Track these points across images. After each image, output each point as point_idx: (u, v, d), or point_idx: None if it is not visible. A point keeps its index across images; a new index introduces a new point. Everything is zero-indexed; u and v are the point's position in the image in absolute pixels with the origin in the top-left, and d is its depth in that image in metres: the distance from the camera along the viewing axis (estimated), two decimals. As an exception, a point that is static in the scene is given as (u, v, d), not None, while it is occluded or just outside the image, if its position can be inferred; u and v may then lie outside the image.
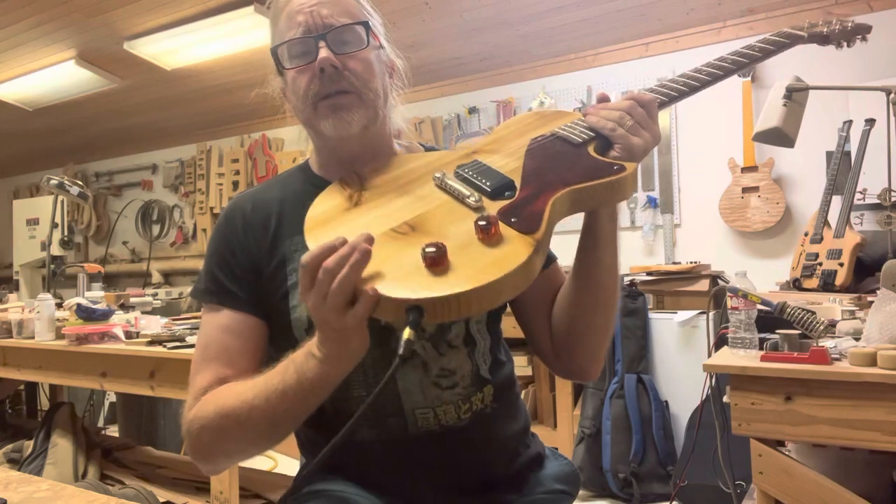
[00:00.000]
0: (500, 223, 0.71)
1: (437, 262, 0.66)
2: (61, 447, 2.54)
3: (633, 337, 2.91)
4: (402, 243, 0.71)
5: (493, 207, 0.75)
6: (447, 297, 0.64)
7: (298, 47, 0.89)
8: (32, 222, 5.15)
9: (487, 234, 0.70)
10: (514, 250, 0.68)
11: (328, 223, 0.78)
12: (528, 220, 0.72)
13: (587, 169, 0.79)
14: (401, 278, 0.66)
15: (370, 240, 0.67)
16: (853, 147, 2.54)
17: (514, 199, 0.76)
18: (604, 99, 0.88)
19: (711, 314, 2.27)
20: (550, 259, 1.00)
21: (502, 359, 1.00)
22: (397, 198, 0.81)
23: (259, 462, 3.11)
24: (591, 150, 0.82)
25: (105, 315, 2.31)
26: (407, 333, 0.63)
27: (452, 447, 0.89)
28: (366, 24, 0.90)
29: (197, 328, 2.05)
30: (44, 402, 3.91)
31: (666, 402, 2.90)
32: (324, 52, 0.86)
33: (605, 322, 0.92)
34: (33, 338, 2.36)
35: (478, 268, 0.66)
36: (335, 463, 0.89)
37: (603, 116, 0.84)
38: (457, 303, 0.64)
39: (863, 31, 1.24)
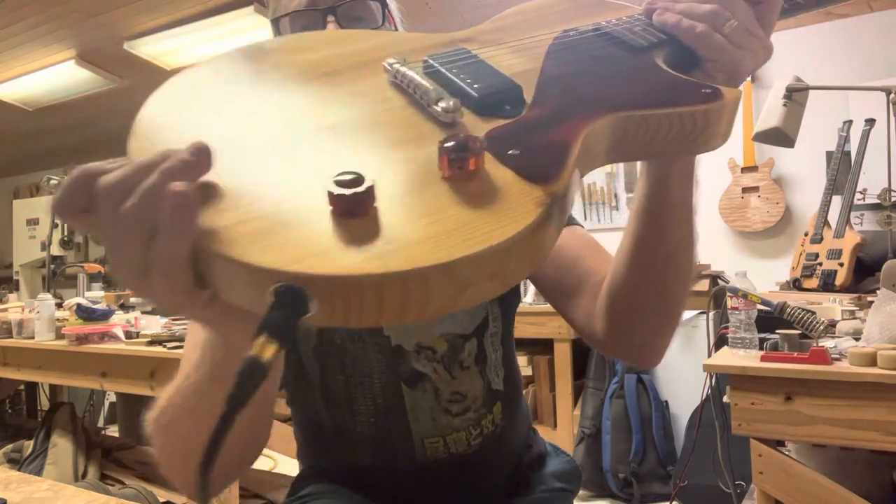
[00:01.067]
0: (485, 154, 0.40)
1: (353, 209, 0.37)
2: (61, 447, 2.54)
3: (633, 337, 2.91)
4: (298, 169, 0.41)
5: (478, 127, 0.44)
6: (360, 278, 0.34)
7: (302, 20, 0.78)
8: (32, 222, 5.16)
9: (461, 170, 0.39)
10: (510, 207, 0.38)
11: (203, 88, 0.48)
12: (541, 158, 0.42)
13: (654, 87, 0.50)
14: (273, 231, 0.36)
15: (203, 150, 0.38)
16: (853, 147, 2.54)
17: (519, 117, 0.46)
18: None
19: (711, 314, 2.27)
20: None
21: (513, 364, 0.91)
22: (319, 89, 0.49)
23: (259, 462, 3.11)
24: (660, 61, 0.53)
25: (105, 315, 2.32)
26: (259, 346, 0.33)
27: (460, 473, 0.84)
28: (383, 2, 0.81)
29: (197, 328, 2.05)
30: (44, 402, 3.90)
31: (666, 402, 2.90)
32: (331, 27, 0.76)
33: (675, 304, 0.69)
34: (33, 338, 2.36)
35: (433, 232, 0.36)
36: (337, 483, 0.86)
37: (684, 12, 0.54)
38: (377, 294, 0.34)
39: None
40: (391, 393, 0.82)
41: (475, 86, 0.47)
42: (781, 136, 1.79)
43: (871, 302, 1.47)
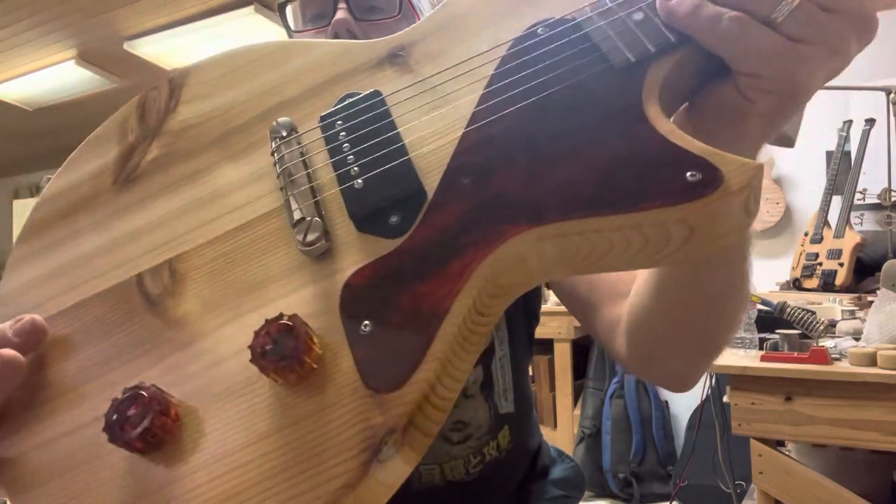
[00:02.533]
0: (337, 330, 0.32)
1: (146, 443, 0.31)
2: (61, 447, 2.54)
3: (633, 337, 2.91)
4: (146, 326, 0.36)
5: (351, 248, 0.35)
6: None
7: (312, 6, 0.73)
8: (32, 222, 5.16)
9: (285, 380, 0.31)
10: (324, 453, 0.29)
11: (42, 232, 0.44)
12: (392, 348, 0.31)
13: (610, 169, 0.31)
14: (48, 478, 0.32)
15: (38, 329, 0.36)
16: (853, 147, 2.54)
17: (397, 247, 0.34)
18: None
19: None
20: None
21: (524, 383, 0.84)
22: (190, 182, 0.42)
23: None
24: (653, 89, 0.34)
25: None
26: None
27: (458, 499, 0.79)
28: None
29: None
30: (44, 402, 3.90)
31: (666, 402, 2.90)
32: (341, 14, 0.69)
33: (718, 342, 0.56)
34: (33, 338, 2.35)
35: (219, 492, 0.29)
36: None
37: None
38: None
39: None
40: None
41: (359, 182, 0.36)
42: (781, 136, 1.78)
43: (871, 302, 1.47)
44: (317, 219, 0.36)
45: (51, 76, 3.99)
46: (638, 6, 0.36)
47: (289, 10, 0.74)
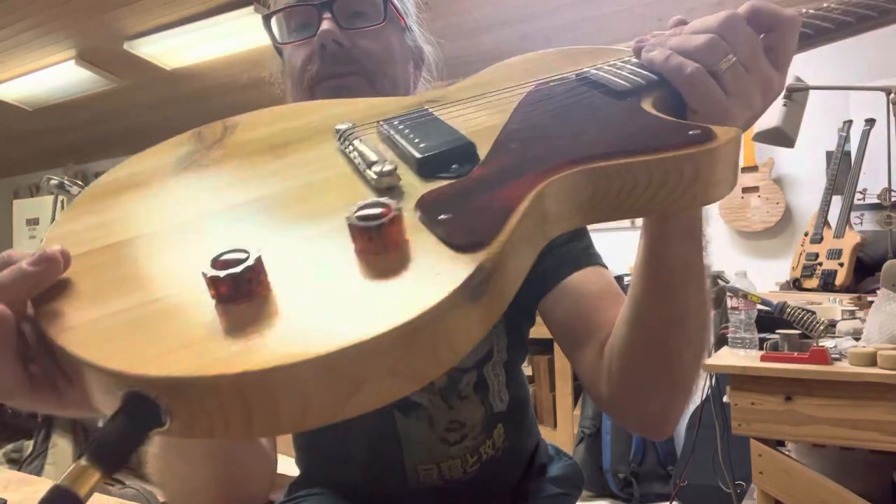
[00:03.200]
0: (416, 221, 0.36)
1: (232, 293, 0.32)
2: (61, 447, 2.54)
3: (633, 337, 2.91)
4: (189, 254, 0.37)
5: (417, 190, 0.39)
6: (213, 380, 0.28)
7: (297, 17, 0.72)
8: (32, 222, 5.16)
9: (371, 241, 0.34)
10: (421, 283, 0.32)
11: (113, 195, 0.44)
12: (473, 222, 0.35)
13: (630, 132, 0.43)
14: (140, 327, 0.32)
15: (46, 258, 0.35)
16: (853, 147, 2.54)
17: (463, 178, 0.40)
18: (680, 24, 0.50)
19: (711, 314, 2.27)
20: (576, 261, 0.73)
21: (518, 383, 0.85)
22: (262, 162, 0.46)
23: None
24: (646, 104, 0.46)
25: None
26: (76, 473, 0.27)
27: (456, 498, 0.80)
28: None
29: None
30: (44, 402, 3.90)
31: (666, 402, 2.90)
32: (326, 25, 0.68)
33: (684, 374, 0.61)
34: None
35: (319, 316, 0.31)
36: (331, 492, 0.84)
37: (675, 47, 0.46)
38: (239, 400, 0.29)
39: None
40: (383, 418, 0.77)
41: (421, 145, 0.43)
42: (781, 136, 1.79)
43: (871, 302, 1.47)
44: (387, 163, 0.41)
45: (51, 76, 3.99)
46: (626, 63, 0.51)
47: (273, 22, 0.74)
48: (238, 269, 0.32)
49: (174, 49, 3.63)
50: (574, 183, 0.40)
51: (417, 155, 0.42)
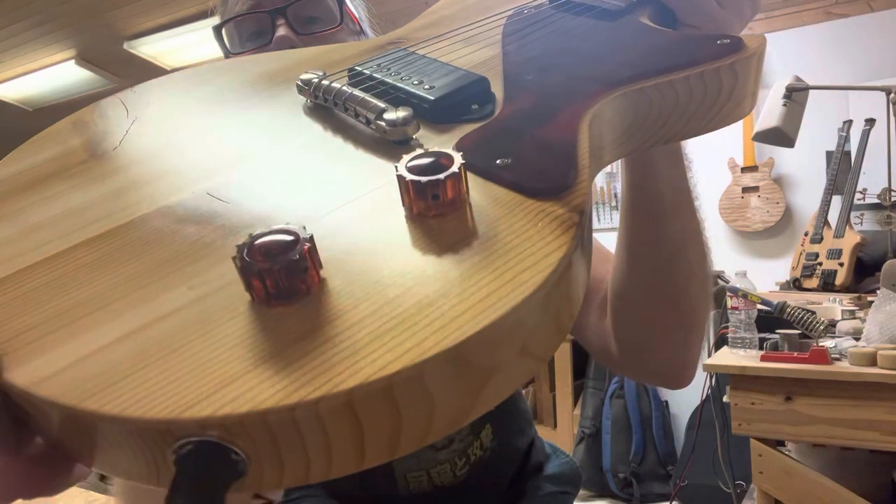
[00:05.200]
0: (465, 181, 0.28)
1: (288, 288, 0.25)
2: (61, 447, 2.54)
3: (633, 337, 2.91)
4: (198, 235, 0.29)
5: (439, 141, 0.33)
6: (309, 407, 0.21)
7: (249, 25, 0.68)
8: (32, 222, 5.16)
9: (436, 201, 0.28)
10: (523, 241, 0.26)
11: (11, 197, 0.33)
12: (544, 163, 0.30)
13: (658, 50, 0.40)
14: (144, 360, 0.23)
15: None
16: (853, 147, 2.54)
17: (494, 118, 0.35)
18: None
19: (711, 314, 2.27)
20: None
21: None
22: (209, 126, 0.37)
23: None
24: (644, 19, 0.44)
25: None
26: None
27: (448, 502, 0.79)
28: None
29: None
30: (44, 402, 3.90)
31: (666, 402, 2.90)
32: (282, 31, 0.65)
33: (693, 309, 0.59)
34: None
35: (407, 308, 0.24)
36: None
37: None
38: (348, 424, 0.22)
39: None
40: None
41: (427, 86, 0.35)
42: (781, 136, 1.79)
43: (871, 302, 1.47)
44: (393, 109, 0.33)
45: (51, 76, 3.99)
46: None
47: (224, 32, 0.70)
48: (294, 254, 0.24)
49: (174, 49, 3.64)
50: (619, 108, 0.36)
51: (430, 97, 0.35)
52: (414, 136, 0.33)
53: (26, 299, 0.27)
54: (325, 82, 0.37)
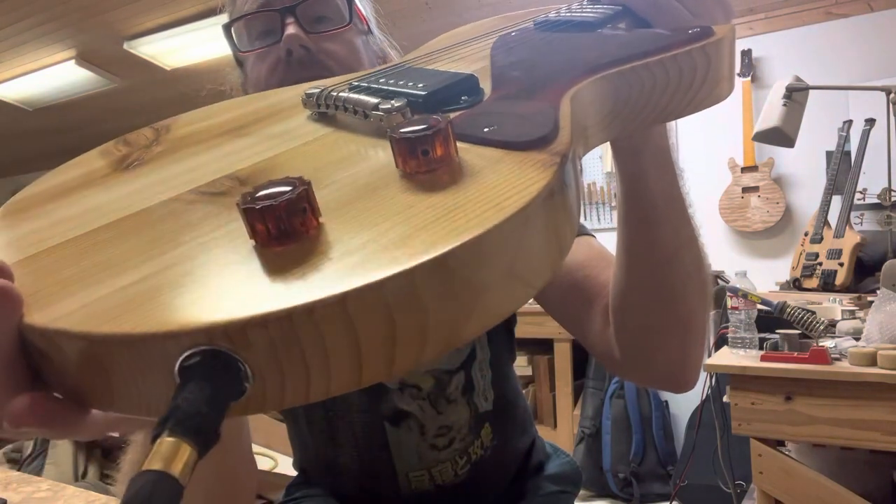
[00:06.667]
0: (454, 141, 0.31)
1: (288, 228, 0.27)
2: (61, 447, 2.54)
3: (633, 337, 2.91)
4: (210, 209, 0.32)
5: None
6: (315, 306, 0.23)
7: (258, 24, 0.69)
8: (32, 222, 5.15)
9: (426, 156, 0.30)
10: (508, 178, 0.29)
11: (46, 203, 0.39)
12: (528, 122, 0.33)
13: (634, 42, 0.43)
14: (162, 293, 0.26)
15: None
16: (853, 147, 2.54)
17: (484, 101, 0.38)
18: None
19: (711, 314, 2.27)
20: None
21: (505, 381, 0.84)
22: (224, 143, 0.41)
23: (260, 462, 3.11)
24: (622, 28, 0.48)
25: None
26: (164, 452, 0.21)
27: (449, 502, 0.80)
28: None
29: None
30: (44, 402, 3.90)
31: (666, 402, 2.90)
32: (291, 29, 0.66)
33: (692, 311, 0.60)
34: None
35: (402, 232, 0.26)
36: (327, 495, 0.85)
37: None
38: (345, 329, 0.24)
39: None
40: (373, 430, 0.77)
41: (420, 84, 0.38)
42: (781, 136, 1.79)
43: (871, 302, 1.47)
44: (389, 102, 0.36)
45: (51, 76, 3.99)
46: (580, 4, 0.50)
47: (233, 30, 0.71)
48: (292, 194, 0.26)
49: (174, 49, 3.63)
50: (600, 91, 0.39)
51: (422, 92, 0.38)
52: (406, 118, 0.36)
53: (50, 267, 0.30)
54: (327, 91, 0.41)
